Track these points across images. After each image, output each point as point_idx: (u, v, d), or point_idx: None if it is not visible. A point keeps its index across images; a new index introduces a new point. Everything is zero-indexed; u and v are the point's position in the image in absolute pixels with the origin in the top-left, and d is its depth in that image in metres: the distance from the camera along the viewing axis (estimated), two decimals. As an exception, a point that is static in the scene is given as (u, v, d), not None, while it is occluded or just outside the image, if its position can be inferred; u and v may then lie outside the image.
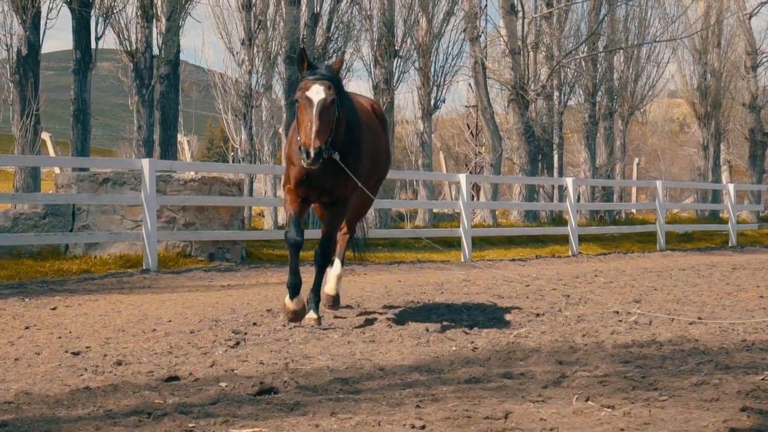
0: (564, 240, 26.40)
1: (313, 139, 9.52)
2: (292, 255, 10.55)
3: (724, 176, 48.23)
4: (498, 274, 18.07)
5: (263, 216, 29.45)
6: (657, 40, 40.79)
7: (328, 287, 11.56)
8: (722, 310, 11.96)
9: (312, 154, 9.45)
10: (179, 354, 8.53)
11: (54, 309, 12.28)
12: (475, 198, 37.11)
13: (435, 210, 35.16)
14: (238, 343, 9.12)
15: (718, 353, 8.30)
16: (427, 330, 10.02)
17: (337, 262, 11.75)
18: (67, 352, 8.66)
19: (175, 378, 7.23)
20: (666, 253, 27.21)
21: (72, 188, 18.88)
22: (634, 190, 48.60)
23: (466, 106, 49.35)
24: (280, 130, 31.04)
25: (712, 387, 6.58)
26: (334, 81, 10.01)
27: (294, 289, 10.40)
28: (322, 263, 10.79)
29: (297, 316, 10.45)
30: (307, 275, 11.27)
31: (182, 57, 27.52)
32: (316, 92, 9.79)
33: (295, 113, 10.19)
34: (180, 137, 32.73)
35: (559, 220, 33.12)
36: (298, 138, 9.85)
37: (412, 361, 7.86)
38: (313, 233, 17.63)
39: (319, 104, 9.73)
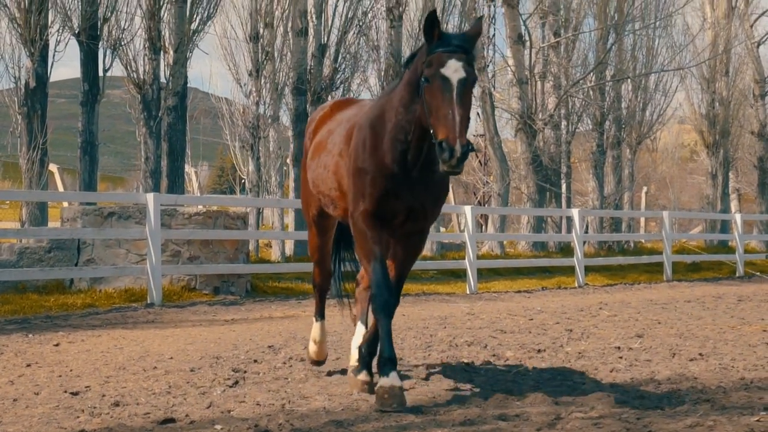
0: (571, 270, 26.38)
1: (460, 131, 7.44)
2: (384, 324, 8.12)
3: (733, 204, 48.17)
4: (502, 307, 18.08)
5: (271, 246, 29.45)
6: (665, 69, 40.82)
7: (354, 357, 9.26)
8: (724, 345, 11.95)
9: (459, 153, 7.35)
10: (177, 394, 8.56)
11: (57, 345, 12.31)
12: (483, 227, 37.09)
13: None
14: (236, 383, 9.13)
15: (715, 392, 8.31)
16: (426, 368, 10.02)
17: (360, 328, 9.61)
18: (66, 391, 8.69)
19: (171, 420, 7.26)
20: (673, 283, 27.18)
21: (77, 222, 18.93)
22: (642, 218, 48.58)
23: (474, 135, 49.41)
24: (288, 161, 31.08)
25: (706, 429, 6.59)
26: (473, 56, 7.91)
27: (393, 363, 7.91)
28: (391, 313, 8.21)
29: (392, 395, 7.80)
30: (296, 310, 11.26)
31: (193, 84, 27.67)
32: (455, 70, 7.66)
33: (414, 94, 7.95)
34: (188, 168, 32.82)
35: (567, 248, 33.08)
36: (399, 134, 8.09)
37: (409, 402, 7.85)
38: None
39: (460, 85, 7.62)
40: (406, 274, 8.84)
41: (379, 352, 8.13)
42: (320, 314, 10.40)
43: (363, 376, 8.70)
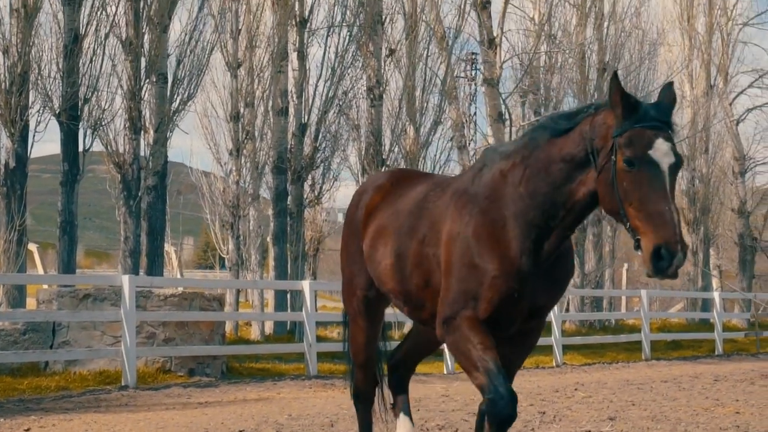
0: (549, 349, 26.37)
1: (681, 234, 6.21)
2: None
3: (714, 281, 48.27)
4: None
5: (250, 324, 29.41)
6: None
7: None
8: (695, 428, 11.98)
9: (681, 261, 6.15)
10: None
11: (27, 430, 12.26)
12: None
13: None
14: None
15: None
16: (393, 455, 9.95)
17: (403, 421, 8.75)
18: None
19: None
20: (651, 362, 27.18)
21: (53, 304, 18.92)
22: (623, 296, 48.59)
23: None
24: (268, 239, 31.12)
25: None
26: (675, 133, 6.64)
27: None
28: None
29: None
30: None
31: (179, 159, 27.78)
32: (665, 153, 6.40)
33: (574, 170, 6.72)
34: (167, 247, 32.86)
35: (547, 327, 33.04)
36: (537, 219, 6.82)
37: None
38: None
39: (671, 173, 6.38)
40: (514, 376, 7.42)
41: None
42: None
43: None
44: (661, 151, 6.33)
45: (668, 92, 6.75)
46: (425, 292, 7.43)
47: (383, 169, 31.79)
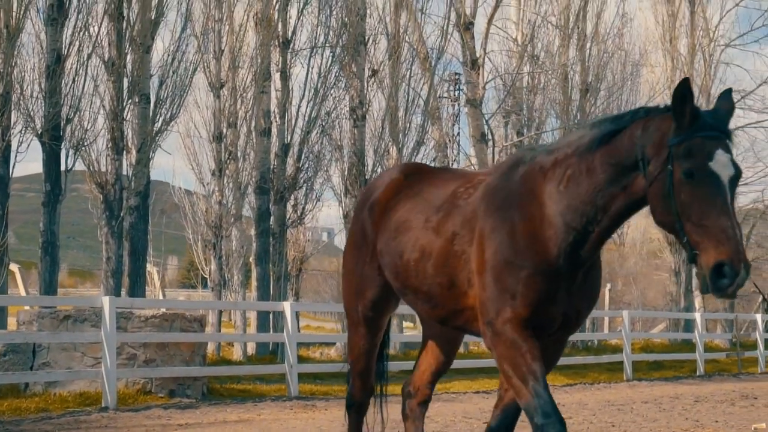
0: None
1: (743, 249, 5.94)
2: None
3: (697, 301, 48.32)
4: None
5: (233, 345, 29.36)
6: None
7: None
8: (673, 450, 12.01)
9: (744, 279, 5.88)
10: None
11: (4, 453, 12.24)
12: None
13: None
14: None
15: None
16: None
17: None
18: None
19: None
20: (633, 383, 27.20)
21: (33, 325, 18.87)
22: (606, 316, 48.64)
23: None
24: (251, 260, 31.10)
25: None
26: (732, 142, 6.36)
27: None
28: None
29: None
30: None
31: (165, 178, 27.80)
32: (725, 165, 6.14)
33: (618, 174, 6.47)
34: (149, 267, 32.84)
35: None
36: (575, 221, 6.59)
37: None
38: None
39: (732, 186, 6.14)
40: None
41: None
42: None
43: None
44: (721, 162, 6.09)
45: (727, 99, 6.42)
46: (450, 292, 7.20)
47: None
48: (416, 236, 7.51)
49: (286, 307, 21.75)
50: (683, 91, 6.05)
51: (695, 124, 6.12)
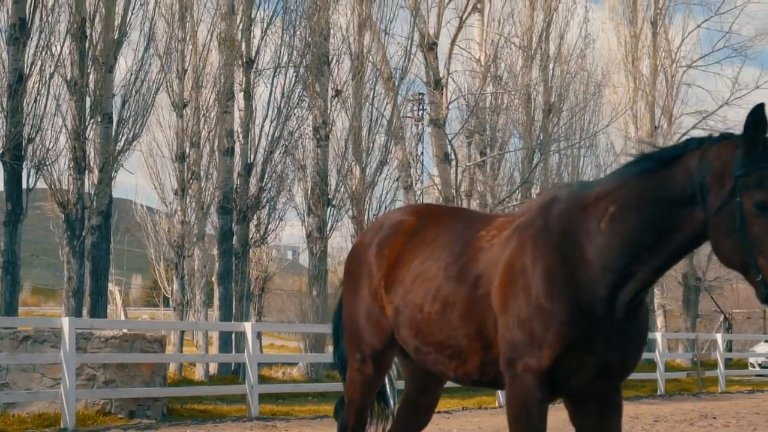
0: (493, 390, 26.45)
1: None
2: None
3: (659, 321, 48.63)
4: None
5: (195, 365, 29.30)
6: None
7: None
8: (629, 472, 12.08)
9: None
10: None
11: (-39, 475, 12.19)
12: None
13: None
14: None
15: None
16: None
17: None
18: None
19: None
20: None
21: (-8, 346, 18.81)
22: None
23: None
24: (213, 279, 31.08)
25: None
26: None
27: None
28: None
29: None
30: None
31: (127, 196, 27.75)
32: None
33: (672, 211, 5.94)
34: (111, 287, 32.75)
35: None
36: (615, 262, 6.06)
37: None
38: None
39: None
40: None
41: None
42: None
43: None
44: None
45: None
46: (478, 343, 6.66)
47: (328, 210, 31.88)
48: (437, 286, 6.95)
49: (247, 327, 21.72)
50: (757, 117, 5.57)
51: (764, 153, 5.64)
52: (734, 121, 47.31)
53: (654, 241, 5.98)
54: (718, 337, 36.79)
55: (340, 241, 39.88)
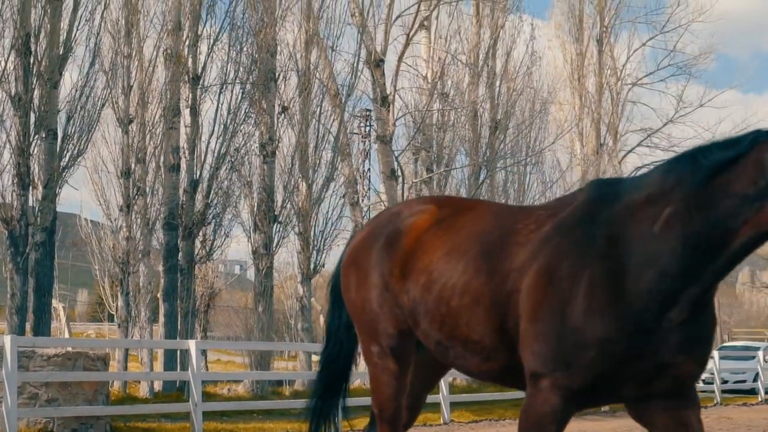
0: (437, 407, 26.49)
1: None
2: None
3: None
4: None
5: (139, 381, 29.11)
6: (535, 204, 41.65)
7: None
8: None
9: None
10: None
11: None
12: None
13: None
14: None
15: None
16: None
17: None
18: None
19: None
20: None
21: (-68, 364, 18.62)
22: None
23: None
24: (158, 295, 30.94)
25: None
26: None
27: None
28: None
29: None
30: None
31: (73, 210, 27.59)
32: None
33: (732, 213, 5.71)
34: (55, 303, 32.55)
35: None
36: (673, 267, 5.81)
37: None
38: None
39: None
40: None
41: None
42: None
43: None
44: None
45: None
46: (502, 340, 6.46)
47: (274, 226, 31.86)
48: (466, 279, 6.67)
49: (192, 345, 21.63)
50: None
51: None
52: (679, 138, 47.96)
53: (720, 241, 5.72)
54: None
55: (287, 257, 39.80)
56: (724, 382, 36.58)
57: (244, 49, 31.99)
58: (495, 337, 6.47)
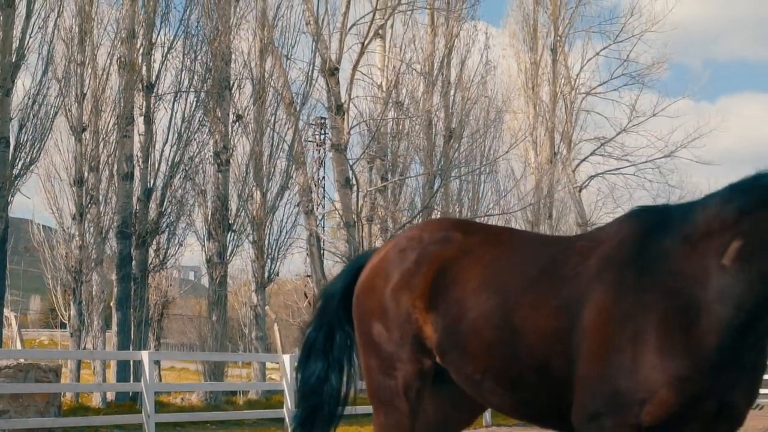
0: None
1: None
2: None
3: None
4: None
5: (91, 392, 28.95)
6: (489, 213, 41.74)
7: None
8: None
9: None
10: None
11: None
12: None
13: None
14: None
15: None
16: None
17: None
18: None
19: None
20: (492, 428, 27.47)
21: None
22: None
23: (306, 276, 49.31)
24: (111, 304, 30.77)
25: None
26: None
27: None
28: None
29: None
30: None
31: (25, 216, 27.36)
32: None
33: None
34: (7, 312, 32.24)
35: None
36: (747, 301, 5.52)
37: None
38: None
39: None
40: None
41: None
42: None
43: None
44: None
45: None
46: (544, 378, 6.08)
47: (229, 235, 31.78)
48: (505, 312, 6.29)
49: (145, 356, 21.53)
50: None
51: None
52: (632, 147, 48.32)
53: None
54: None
55: (241, 264, 39.68)
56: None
57: (199, 57, 31.96)
58: (535, 375, 6.12)
